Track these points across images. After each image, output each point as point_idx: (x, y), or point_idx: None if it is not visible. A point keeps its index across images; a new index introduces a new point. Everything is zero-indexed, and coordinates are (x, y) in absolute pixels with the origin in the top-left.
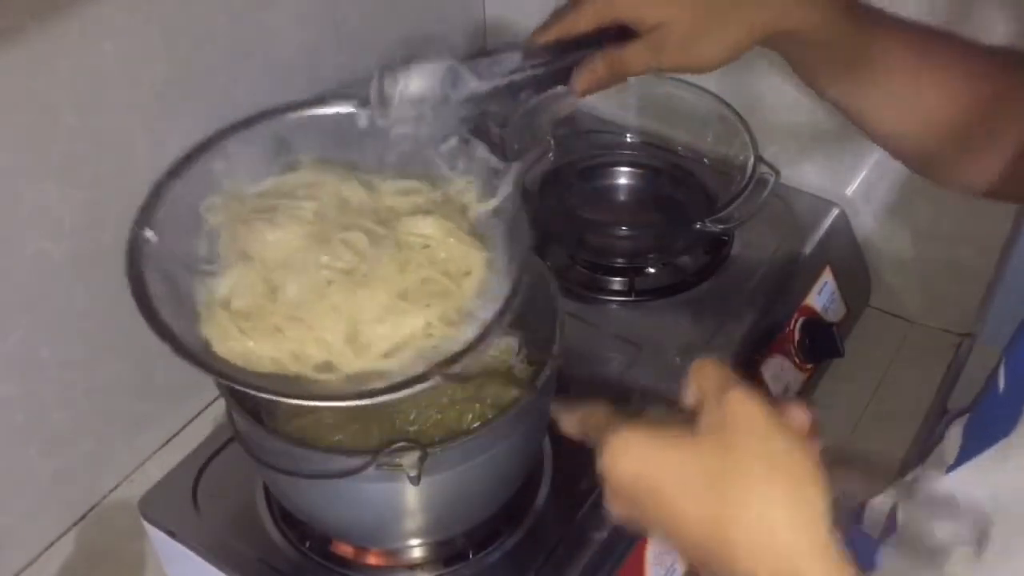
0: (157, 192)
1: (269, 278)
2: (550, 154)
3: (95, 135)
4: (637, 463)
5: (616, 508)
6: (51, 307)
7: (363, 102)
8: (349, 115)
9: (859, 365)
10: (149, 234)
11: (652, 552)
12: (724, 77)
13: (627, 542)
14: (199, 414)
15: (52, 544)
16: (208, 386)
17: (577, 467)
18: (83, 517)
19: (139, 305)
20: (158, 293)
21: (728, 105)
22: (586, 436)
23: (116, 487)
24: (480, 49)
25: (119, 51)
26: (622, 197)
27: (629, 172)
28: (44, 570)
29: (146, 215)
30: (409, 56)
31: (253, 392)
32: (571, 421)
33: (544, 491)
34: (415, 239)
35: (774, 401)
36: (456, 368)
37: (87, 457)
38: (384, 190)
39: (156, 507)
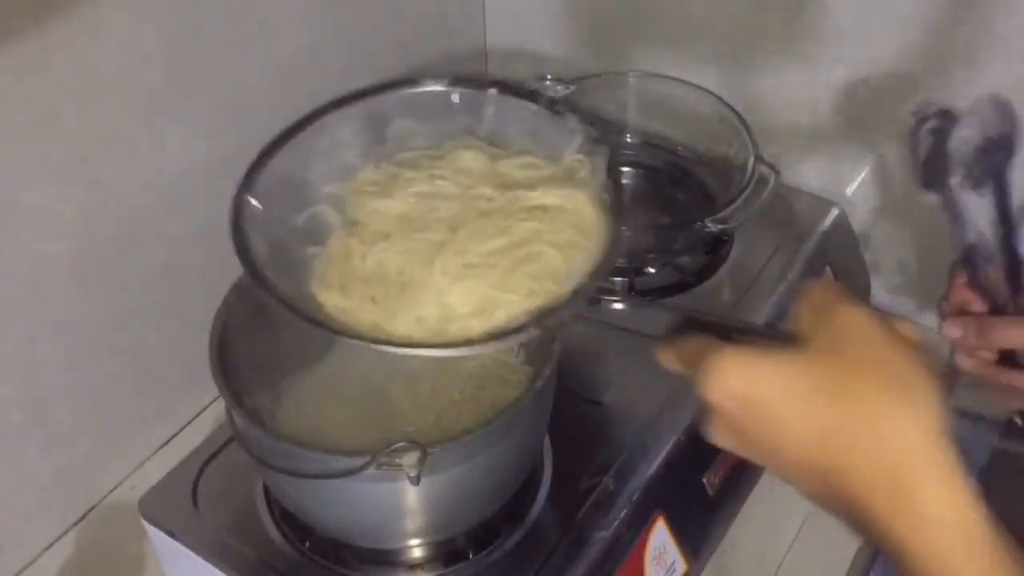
0: (260, 162)
1: (369, 247)
2: None
3: (95, 135)
4: (742, 381)
5: (718, 434)
6: (51, 307)
7: (454, 81)
8: (444, 92)
9: None
10: (253, 202)
11: (652, 552)
12: (724, 77)
13: (627, 542)
14: (199, 414)
15: (52, 544)
16: (208, 386)
17: (577, 467)
18: (83, 517)
19: (245, 266)
20: (262, 257)
21: (728, 105)
22: (686, 367)
23: (116, 487)
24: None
25: (119, 51)
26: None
27: (629, 172)
28: (44, 570)
29: (249, 183)
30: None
31: (360, 341)
32: (669, 355)
33: (544, 491)
34: (537, 211)
35: (884, 313)
36: (553, 320)
37: (87, 457)
38: (506, 165)
39: (156, 507)
